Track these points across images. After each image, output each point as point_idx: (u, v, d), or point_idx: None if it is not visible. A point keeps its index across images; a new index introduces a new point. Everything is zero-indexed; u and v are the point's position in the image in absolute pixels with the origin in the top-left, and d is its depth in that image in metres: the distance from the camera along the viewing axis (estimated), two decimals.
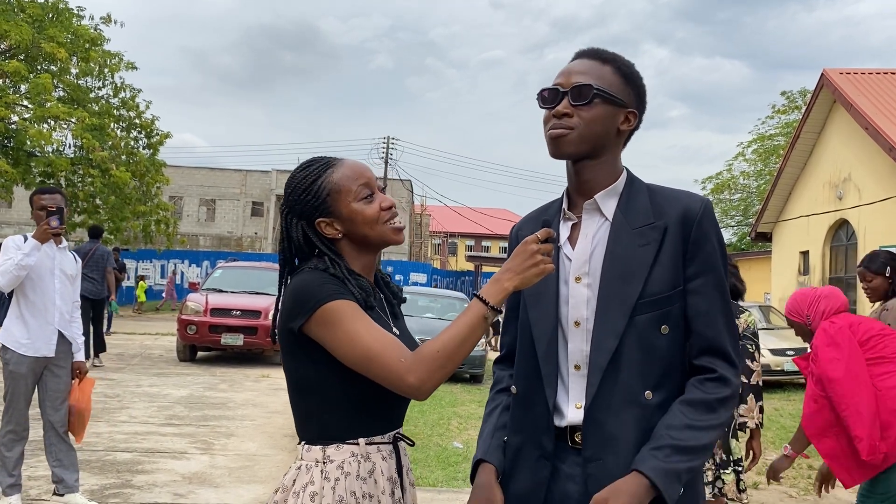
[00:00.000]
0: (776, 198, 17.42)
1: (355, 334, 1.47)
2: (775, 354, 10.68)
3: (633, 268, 1.51)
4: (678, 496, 1.44)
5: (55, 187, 4.45)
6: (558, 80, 1.59)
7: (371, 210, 1.61)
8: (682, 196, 1.58)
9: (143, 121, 19.39)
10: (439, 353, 1.44)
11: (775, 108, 28.91)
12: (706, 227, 1.54)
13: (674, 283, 1.51)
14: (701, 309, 1.53)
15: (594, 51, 1.64)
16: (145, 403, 7.82)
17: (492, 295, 1.48)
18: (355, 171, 1.64)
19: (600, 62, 1.60)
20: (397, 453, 1.61)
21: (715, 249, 1.54)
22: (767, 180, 25.51)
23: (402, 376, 1.43)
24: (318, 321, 1.49)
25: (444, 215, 38.52)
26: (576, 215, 1.61)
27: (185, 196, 35.49)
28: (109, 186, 17.55)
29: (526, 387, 1.60)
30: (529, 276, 1.47)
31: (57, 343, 4.18)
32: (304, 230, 1.62)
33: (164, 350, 12.94)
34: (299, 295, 1.51)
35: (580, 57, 1.63)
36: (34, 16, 16.66)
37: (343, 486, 1.51)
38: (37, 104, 16.19)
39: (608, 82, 1.57)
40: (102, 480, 4.93)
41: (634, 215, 1.55)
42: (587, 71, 1.58)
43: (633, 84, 1.61)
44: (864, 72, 15.22)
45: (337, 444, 1.54)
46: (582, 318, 1.53)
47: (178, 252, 26.18)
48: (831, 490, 3.40)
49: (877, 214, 13.20)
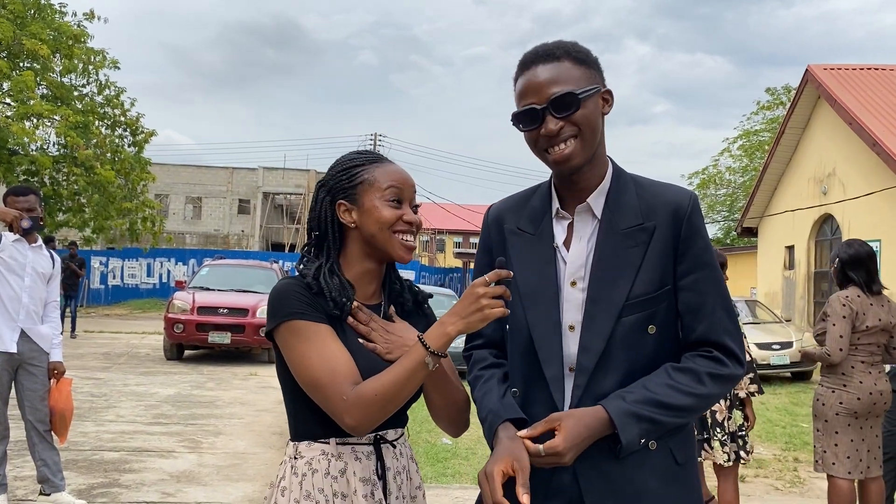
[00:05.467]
0: (762, 193, 17.54)
1: (307, 360, 1.46)
2: (761, 349, 10.76)
3: (621, 270, 1.49)
4: (636, 440, 1.41)
5: (29, 187, 4.31)
6: (530, 100, 1.50)
7: (389, 213, 1.57)
8: (669, 193, 1.55)
9: (127, 119, 19.22)
10: (377, 396, 1.42)
11: (760, 104, 29.11)
12: (696, 224, 1.52)
13: (661, 283, 1.50)
14: (694, 305, 1.51)
15: (543, 52, 1.53)
16: (132, 402, 7.78)
17: (434, 339, 1.44)
18: (399, 175, 1.62)
19: (556, 61, 1.51)
20: (379, 454, 1.57)
21: (706, 244, 1.54)
22: (753, 176, 25.67)
23: (340, 415, 1.44)
24: (279, 335, 1.52)
25: (432, 212, 38.49)
26: (568, 213, 1.57)
27: (172, 194, 35.26)
28: (94, 185, 17.39)
29: (527, 389, 1.55)
30: (474, 321, 1.42)
31: (20, 341, 4.10)
32: (326, 208, 1.61)
33: (151, 349, 12.87)
34: (272, 302, 1.53)
35: (533, 65, 1.52)
36: (15, 12, 16.44)
37: (310, 482, 1.51)
38: (19, 102, 16.02)
39: (577, 77, 1.50)
40: (90, 480, 4.90)
41: (623, 215, 1.52)
42: (554, 77, 1.49)
43: (593, 63, 1.55)
44: (849, 67, 15.33)
45: (309, 442, 1.55)
46: (576, 322, 1.51)
47: (165, 250, 25.98)
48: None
49: (861, 209, 13.32)
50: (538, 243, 1.58)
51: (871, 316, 3.88)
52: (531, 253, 1.58)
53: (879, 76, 15.11)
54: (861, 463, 3.85)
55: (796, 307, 16.21)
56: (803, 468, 5.80)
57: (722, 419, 4.00)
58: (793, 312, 16.03)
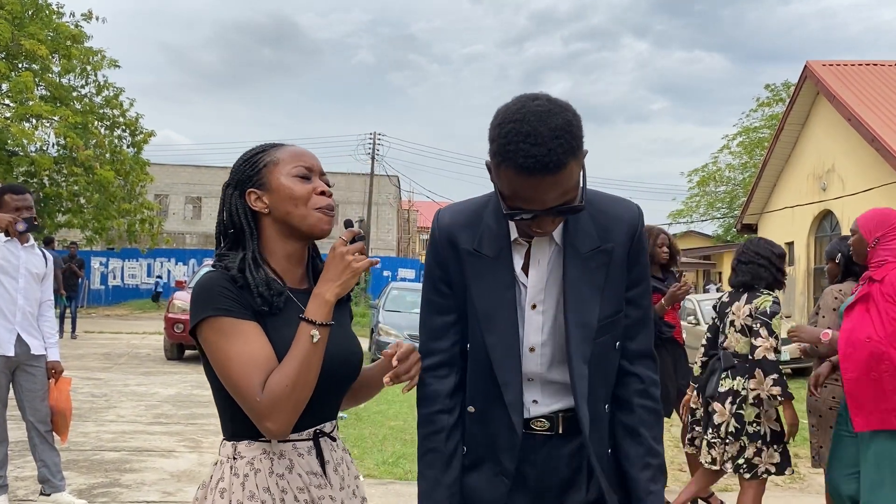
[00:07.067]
0: (761, 190, 17.56)
1: (227, 360, 1.43)
2: None
3: (589, 294, 1.53)
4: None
5: (24, 186, 4.26)
6: (529, 206, 1.39)
7: (301, 188, 1.53)
8: (620, 210, 1.57)
9: (126, 119, 19.23)
10: (287, 387, 1.40)
11: (759, 100, 29.10)
12: (643, 239, 1.59)
13: (621, 302, 1.57)
14: (636, 317, 1.60)
15: (553, 165, 1.33)
16: (133, 402, 7.78)
17: (315, 312, 1.45)
18: (298, 151, 1.59)
19: (563, 169, 1.35)
20: (318, 449, 1.55)
21: (647, 257, 1.62)
22: (753, 172, 25.67)
23: (258, 418, 1.41)
24: (200, 332, 1.47)
25: (432, 211, 38.47)
26: (525, 241, 1.56)
27: (171, 194, 35.26)
28: (94, 185, 17.41)
29: (485, 407, 1.59)
30: (347, 279, 1.46)
31: (17, 344, 4.06)
32: (236, 202, 1.56)
33: (152, 349, 12.88)
34: (194, 297, 1.48)
35: (539, 174, 1.34)
36: (13, 13, 16.44)
37: (253, 482, 1.47)
38: (18, 103, 16.02)
39: (577, 176, 1.40)
40: (91, 480, 4.91)
41: (581, 239, 1.53)
42: (561, 191, 1.38)
43: (582, 139, 1.40)
44: (847, 63, 15.34)
45: (248, 441, 1.50)
46: (536, 343, 1.56)
47: (164, 250, 25.97)
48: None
49: (860, 205, 13.32)
50: (498, 268, 1.56)
51: None
52: (492, 277, 1.56)
53: (878, 72, 15.12)
54: None
55: (796, 303, 16.22)
56: (802, 464, 5.81)
57: (721, 422, 3.80)
58: (793, 309, 16.05)
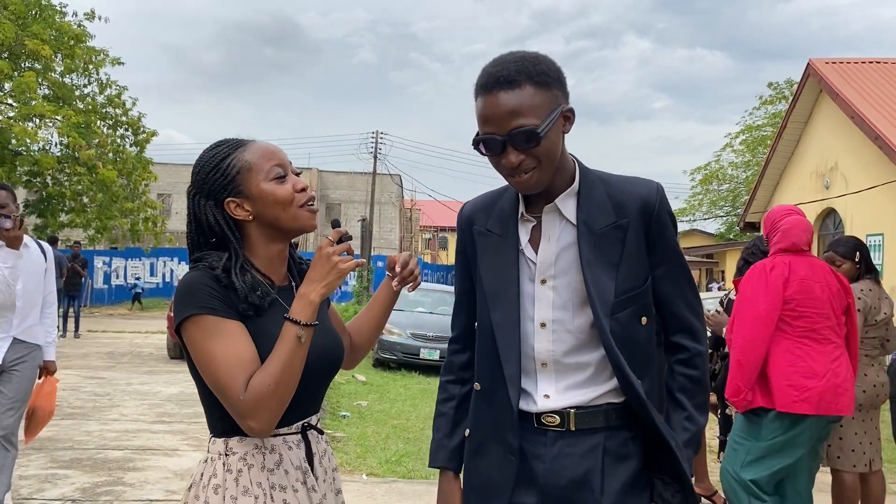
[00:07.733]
0: (764, 188, 17.51)
1: (211, 359, 1.43)
2: None
3: (605, 269, 1.52)
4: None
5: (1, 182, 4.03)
6: (491, 129, 1.46)
7: (283, 191, 1.54)
8: (637, 188, 1.58)
9: (129, 118, 19.24)
10: (269, 387, 1.41)
11: (762, 98, 29.03)
12: (664, 216, 1.58)
13: (645, 276, 1.56)
14: (670, 293, 1.60)
15: (504, 78, 1.44)
16: (136, 401, 7.80)
17: (300, 312, 1.45)
18: (267, 150, 1.58)
19: (517, 87, 1.43)
20: (307, 442, 1.58)
21: (673, 234, 1.60)
22: (755, 171, 25.62)
23: (241, 417, 1.42)
24: (184, 330, 1.47)
25: (434, 210, 38.50)
26: (533, 216, 1.59)
27: (174, 193, 35.28)
28: (97, 184, 17.42)
29: (490, 385, 1.61)
30: (332, 280, 1.47)
31: (10, 350, 3.88)
32: (213, 211, 1.54)
33: (155, 348, 12.89)
34: (178, 296, 1.48)
35: (493, 89, 1.44)
36: (17, 13, 16.45)
37: (247, 477, 1.49)
38: (21, 102, 16.04)
39: (538, 105, 1.44)
40: (94, 478, 4.92)
41: (596, 216, 1.55)
42: (515, 108, 1.43)
43: (554, 82, 1.48)
44: (850, 61, 15.30)
45: (239, 437, 1.51)
46: (548, 319, 1.56)
47: (168, 249, 26.01)
48: None
49: (863, 203, 13.30)
50: (503, 245, 1.61)
51: (881, 308, 3.95)
52: (496, 254, 1.61)
53: (881, 70, 15.08)
54: (865, 456, 3.85)
55: None
56: None
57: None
58: None
